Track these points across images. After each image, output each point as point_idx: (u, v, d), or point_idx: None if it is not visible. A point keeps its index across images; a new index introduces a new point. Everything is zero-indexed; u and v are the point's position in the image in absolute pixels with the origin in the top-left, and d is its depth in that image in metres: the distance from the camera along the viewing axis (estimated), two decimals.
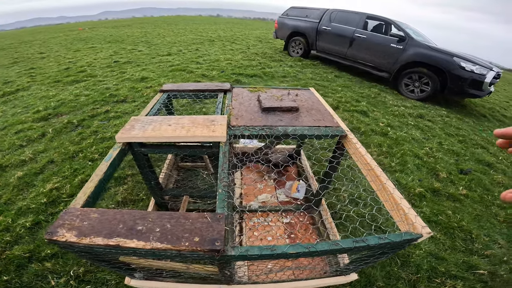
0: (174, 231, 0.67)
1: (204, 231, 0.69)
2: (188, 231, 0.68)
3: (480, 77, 4.22)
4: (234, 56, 6.51)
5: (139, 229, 0.67)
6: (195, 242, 0.65)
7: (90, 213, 0.70)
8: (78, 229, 0.65)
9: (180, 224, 0.70)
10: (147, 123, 1.18)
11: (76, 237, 0.63)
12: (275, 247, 0.71)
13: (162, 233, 0.66)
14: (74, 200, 0.76)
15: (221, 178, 0.91)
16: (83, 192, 0.80)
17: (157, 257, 0.73)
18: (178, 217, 0.71)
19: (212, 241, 0.66)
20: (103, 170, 0.91)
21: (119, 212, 0.71)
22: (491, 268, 1.63)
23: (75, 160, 2.26)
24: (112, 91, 3.98)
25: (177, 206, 1.63)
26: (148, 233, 0.66)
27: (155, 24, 16.04)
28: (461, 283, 1.51)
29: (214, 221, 0.72)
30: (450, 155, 3.05)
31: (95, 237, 0.63)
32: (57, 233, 0.64)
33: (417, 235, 0.79)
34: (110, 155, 0.99)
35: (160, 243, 0.64)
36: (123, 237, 0.64)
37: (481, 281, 1.56)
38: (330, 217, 1.64)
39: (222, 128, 1.14)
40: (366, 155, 1.14)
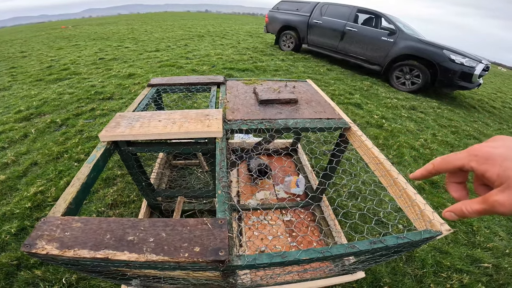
0: (170, 241, 0.58)
1: (205, 239, 0.60)
2: (186, 240, 0.59)
3: (469, 69, 4.26)
4: (225, 51, 6.36)
5: (130, 240, 0.58)
6: (195, 253, 0.57)
7: (71, 222, 0.61)
8: (59, 240, 0.56)
9: (177, 232, 0.61)
10: (134, 119, 1.07)
11: (58, 250, 0.54)
12: (286, 253, 0.63)
13: (157, 243, 0.57)
14: (53, 208, 0.66)
15: (220, 178, 0.82)
16: (63, 198, 0.70)
17: (153, 269, 0.64)
18: (174, 225, 0.62)
19: (215, 251, 0.58)
20: (85, 173, 0.80)
21: (105, 220, 0.62)
22: (494, 261, 1.62)
23: (59, 162, 2.12)
24: (98, 89, 3.79)
25: (171, 207, 1.54)
26: (140, 244, 0.57)
27: (142, 21, 15.58)
28: (467, 276, 1.49)
29: (216, 227, 0.64)
30: (445, 146, 3.05)
31: (80, 249, 0.55)
32: (36, 245, 0.55)
33: (436, 233, 0.73)
34: (93, 156, 0.89)
35: (156, 254, 0.55)
36: (112, 248, 0.55)
37: (486, 275, 1.54)
38: (332, 213, 1.58)
39: (217, 123, 1.05)
40: (373, 148, 1.07)
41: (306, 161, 2.07)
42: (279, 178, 1.98)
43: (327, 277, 1.18)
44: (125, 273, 0.81)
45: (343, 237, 1.41)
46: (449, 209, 0.34)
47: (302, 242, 1.49)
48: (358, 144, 1.15)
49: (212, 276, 0.85)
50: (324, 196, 1.70)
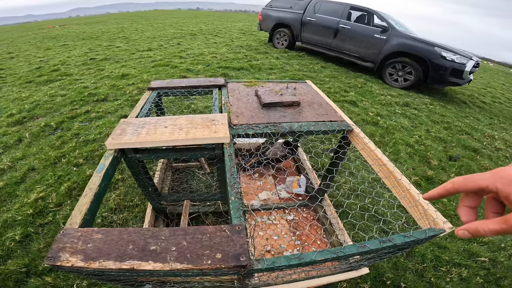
0: (192, 249, 0.60)
1: (225, 246, 0.62)
2: (207, 248, 0.61)
3: (460, 66, 4.37)
4: (219, 50, 6.32)
5: (153, 249, 0.59)
6: (217, 259, 0.59)
7: (92, 233, 0.62)
8: (82, 252, 0.57)
9: (197, 240, 0.62)
10: (140, 126, 1.07)
11: (83, 262, 0.55)
12: (302, 255, 0.66)
13: (180, 252, 0.59)
14: (70, 219, 0.67)
15: (232, 185, 0.84)
16: (78, 209, 0.70)
17: (177, 277, 0.65)
18: (193, 233, 0.64)
19: (236, 257, 0.60)
20: (96, 183, 0.80)
21: (125, 230, 0.63)
22: (491, 255, 1.68)
23: (57, 166, 2.09)
24: (91, 90, 3.73)
25: (176, 210, 1.54)
26: (164, 253, 0.58)
27: (132, 20, 15.28)
28: (466, 270, 1.54)
29: (234, 233, 0.65)
30: (438, 142, 3.13)
31: (105, 261, 0.56)
32: (60, 258, 0.55)
33: (440, 231, 0.77)
34: (102, 165, 0.88)
35: (180, 263, 0.57)
36: (136, 259, 0.57)
37: (484, 268, 1.60)
38: (334, 212, 1.61)
39: (224, 128, 1.05)
40: (376, 150, 1.10)
41: (307, 160, 2.10)
42: (281, 178, 2.01)
43: (332, 274, 1.21)
44: (142, 280, 0.82)
45: (346, 235, 1.45)
46: (463, 228, 0.34)
47: (306, 241, 1.52)
48: (361, 146, 1.17)
49: (227, 279, 0.86)
50: (325, 195, 1.73)
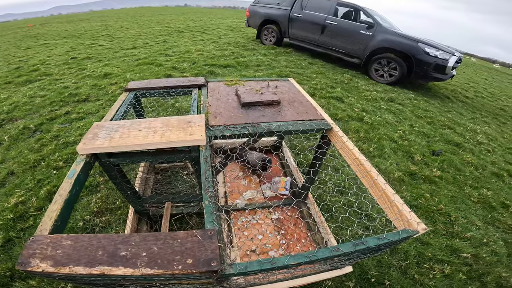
0: (163, 254, 0.61)
1: (196, 251, 0.62)
2: (178, 253, 0.61)
3: (443, 61, 4.46)
4: (206, 47, 6.23)
5: (123, 255, 0.60)
6: (188, 265, 0.59)
7: (61, 240, 0.62)
8: (52, 258, 0.58)
9: (168, 245, 0.62)
10: (113, 130, 1.04)
11: (53, 267, 0.56)
12: (275, 259, 0.66)
13: (150, 258, 0.60)
14: (40, 226, 0.67)
15: (206, 188, 0.82)
16: (48, 216, 0.70)
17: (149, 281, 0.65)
18: (164, 238, 0.64)
19: (207, 262, 0.59)
20: (67, 189, 0.78)
21: (95, 237, 0.63)
22: (473, 251, 1.72)
23: (37, 170, 2.03)
24: (72, 90, 3.61)
25: (159, 212, 1.52)
26: (134, 259, 0.59)
27: (116, 17, 14.85)
28: (448, 267, 1.57)
29: (205, 238, 0.65)
30: (422, 137, 3.20)
31: (75, 266, 0.57)
32: (30, 264, 0.57)
33: (413, 232, 0.78)
34: (73, 170, 0.85)
35: (150, 268, 0.58)
36: (106, 264, 0.58)
37: (466, 264, 1.63)
38: (318, 209, 1.62)
39: (200, 130, 1.04)
40: (354, 149, 1.10)
41: (291, 158, 2.10)
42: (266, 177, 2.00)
43: (317, 273, 1.22)
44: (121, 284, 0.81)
45: (330, 233, 1.46)
46: None
47: (291, 240, 1.53)
48: (340, 145, 1.18)
49: (206, 282, 0.86)
50: (310, 194, 1.74)
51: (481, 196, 2.28)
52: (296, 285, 1.25)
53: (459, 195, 2.25)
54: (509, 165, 2.93)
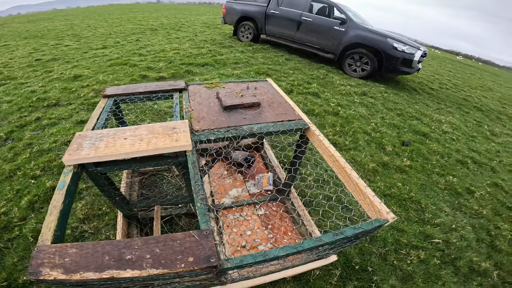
0: (165, 255, 0.66)
1: (196, 249, 0.68)
2: (179, 253, 0.67)
3: (409, 56, 4.77)
4: (182, 45, 6.10)
5: (129, 258, 0.64)
6: (190, 263, 0.65)
7: (66, 249, 0.66)
8: (61, 266, 0.62)
9: (169, 247, 0.68)
10: (97, 139, 1.04)
11: (64, 275, 0.60)
12: (267, 252, 0.74)
13: (154, 259, 0.65)
14: (41, 237, 0.70)
15: (197, 191, 0.87)
16: (47, 227, 0.73)
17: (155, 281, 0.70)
18: (165, 240, 0.69)
19: (206, 259, 0.66)
20: (60, 200, 0.81)
21: (98, 244, 0.67)
22: (444, 237, 1.89)
23: (14, 180, 1.96)
24: (40, 94, 3.41)
25: (148, 215, 1.54)
26: (139, 261, 0.64)
27: (83, 15, 13.95)
28: (423, 252, 1.73)
29: (202, 238, 0.71)
30: (392, 128, 3.44)
31: (85, 272, 0.61)
32: (41, 273, 0.60)
33: (384, 221, 0.89)
34: (62, 182, 0.87)
35: (156, 269, 0.63)
36: (114, 268, 0.62)
37: (439, 250, 1.80)
38: (301, 203, 1.73)
39: (185, 136, 1.08)
40: (329, 147, 1.20)
41: (273, 155, 2.19)
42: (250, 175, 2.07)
43: (305, 263, 1.32)
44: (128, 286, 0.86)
45: (313, 225, 1.57)
46: None
47: (278, 233, 1.62)
48: (317, 143, 1.27)
49: (205, 278, 0.91)
50: (293, 188, 1.84)
51: (448, 183, 2.51)
52: (287, 276, 1.34)
53: (428, 183, 2.48)
54: (473, 152, 3.25)
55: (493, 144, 3.62)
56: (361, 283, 1.49)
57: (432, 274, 1.62)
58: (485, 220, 2.16)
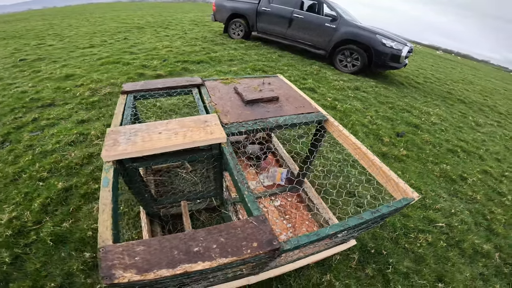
0: (230, 243, 0.69)
1: (257, 235, 0.72)
2: (243, 239, 0.70)
3: (397, 51, 4.97)
4: (173, 43, 6.01)
5: (197, 251, 0.65)
6: (255, 247, 0.68)
7: (133, 247, 0.64)
8: (133, 266, 0.60)
9: (232, 234, 0.71)
10: (132, 134, 1.06)
11: (138, 275, 0.58)
12: (318, 232, 0.80)
13: (221, 248, 0.67)
14: (100, 237, 0.67)
15: (241, 181, 0.91)
16: (104, 226, 0.71)
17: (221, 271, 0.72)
18: (226, 229, 0.72)
19: (269, 242, 0.70)
20: (108, 197, 0.80)
21: (163, 239, 0.67)
22: (446, 221, 2.02)
23: (20, 183, 1.88)
24: (32, 95, 3.27)
25: (170, 212, 1.55)
26: (208, 252, 0.65)
27: (62, 15, 13.30)
28: (430, 236, 1.85)
29: (260, 223, 0.75)
30: (386, 120, 3.60)
31: (159, 270, 0.59)
32: (115, 276, 0.57)
33: (411, 199, 0.97)
34: (106, 179, 0.87)
35: (225, 257, 0.65)
36: (186, 262, 0.62)
37: (443, 233, 1.93)
38: (316, 193, 1.80)
39: (219, 129, 1.11)
40: (350, 136, 1.27)
41: (283, 149, 2.25)
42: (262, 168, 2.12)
43: (326, 249, 1.39)
44: None
45: (330, 213, 1.65)
46: None
47: (296, 223, 1.69)
48: (337, 133, 1.34)
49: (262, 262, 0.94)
50: (305, 178, 1.91)
51: (442, 170, 2.68)
52: (311, 262, 1.41)
53: (424, 171, 2.63)
54: (461, 141, 3.46)
55: (479, 134, 3.88)
56: (378, 266, 1.59)
57: (441, 256, 1.75)
58: (479, 205, 2.33)
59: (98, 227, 0.72)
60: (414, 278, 1.56)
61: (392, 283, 1.50)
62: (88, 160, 2.11)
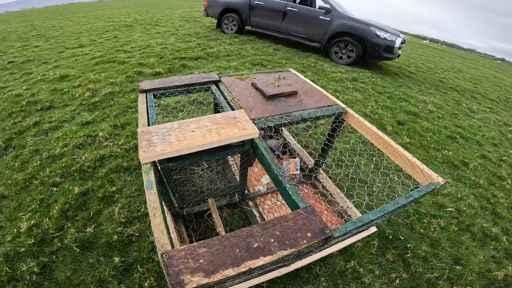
0: (286, 236, 0.70)
1: (309, 225, 0.74)
2: (298, 231, 0.72)
3: (391, 43, 5.05)
4: (166, 40, 5.89)
5: (257, 246, 0.67)
6: (309, 237, 0.70)
7: (195, 249, 0.64)
8: (200, 269, 0.60)
9: (286, 227, 0.73)
10: (165, 134, 1.05)
11: (206, 278, 0.58)
12: (362, 218, 0.83)
13: (279, 241, 0.69)
14: (158, 242, 0.67)
15: (282, 174, 0.93)
16: (159, 230, 0.70)
17: (277, 264, 0.74)
18: (280, 223, 0.74)
19: (322, 231, 0.72)
20: (156, 200, 0.80)
21: (223, 238, 0.68)
22: (454, 206, 2.10)
23: (31, 190, 1.84)
24: (28, 98, 3.16)
25: (192, 210, 1.56)
26: (267, 247, 0.67)
27: (43, 16, 12.75)
28: (442, 220, 1.93)
29: (310, 214, 0.77)
30: (387, 110, 3.68)
31: (224, 270, 0.60)
32: (184, 281, 0.57)
33: (437, 184, 1.02)
34: (148, 181, 0.87)
35: (284, 250, 0.67)
36: (249, 259, 0.63)
37: (454, 217, 2.01)
38: (332, 183, 1.84)
39: (250, 124, 1.12)
40: (371, 127, 1.32)
41: (295, 141, 2.28)
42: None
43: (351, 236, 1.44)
44: None
45: (348, 201, 1.70)
46: None
47: None
48: (358, 125, 1.38)
49: None
50: (320, 169, 1.95)
51: (445, 156, 2.78)
52: (334, 251, 1.46)
53: (428, 157, 2.72)
54: (459, 128, 3.58)
55: (474, 120, 4.02)
56: (398, 251, 1.65)
57: (454, 240, 1.83)
58: (483, 189, 2.43)
59: (153, 232, 0.71)
60: (433, 261, 1.63)
61: (413, 267, 1.57)
62: (100, 162, 2.08)
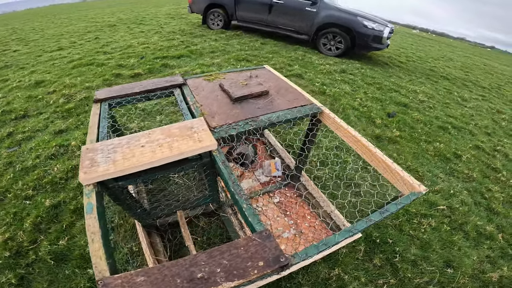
0: (235, 265, 0.62)
1: (262, 252, 0.65)
2: (248, 259, 0.63)
3: (379, 33, 4.93)
4: (149, 39, 5.69)
5: (201, 277, 0.59)
6: (261, 267, 0.62)
7: (133, 277, 0.59)
8: None
9: (236, 255, 0.64)
10: (111, 151, 0.93)
11: None
12: (326, 240, 0.73)
13: (226, 271, 0.61)
14: (96, 268, 0.63)
15: (238, 192, 0.82)
16: (97, 256, 0.65)
17: None
18: (229, 250, 0.65)
19: (276, 259, 0.64)
20: (96, 225, 0.72)
21: (163, 267, 0.61)
22: (446, 203, 1.99)
23: (6, 203, 1.78)
24: (3, 107, 3.02)
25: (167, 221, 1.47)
26: (213, 277, 0.59)
27: (23, 18, 12.42)
28: (433, 220, 1.82)
29: (264, 239, 0.68)
30: (376, 102, 3.57)
31: None
32: None
33: (419, 194, 0.92)
34: (89, 204, 0.77)
35: (231, 281, 0.59)
36: None
37: (446, 216, 1.90)
38: (314, 185, 1.74)
39: (207, 135, 1.00)
40: (348, 128, 1.20)
41: (277, 142, 2.16)
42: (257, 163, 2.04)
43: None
44: None
45: (331, 205, 1.60)
46: None
47: (298, 219, 1.63)
48: (335, 125, 1.27)
49: None
50: (302, 171, 1.84)
51: (436, 149, 2.68)
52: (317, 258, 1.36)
53: (419, 151, 2.62)
54: (451, 118, 3.48)
55: (466, 109, 3.93)
56: (385, 255, 1.56)
57: (446, 240, 1.74)
58: (476, 183, 2.34)
59: (91, 257, 0.66)
60: (423, 265, 1.55)
61: (401, 272, 1.48)
62: (72, 173, 1.98)
